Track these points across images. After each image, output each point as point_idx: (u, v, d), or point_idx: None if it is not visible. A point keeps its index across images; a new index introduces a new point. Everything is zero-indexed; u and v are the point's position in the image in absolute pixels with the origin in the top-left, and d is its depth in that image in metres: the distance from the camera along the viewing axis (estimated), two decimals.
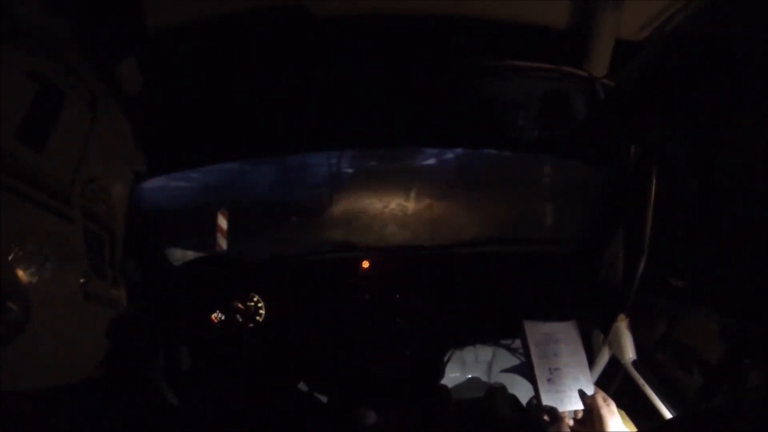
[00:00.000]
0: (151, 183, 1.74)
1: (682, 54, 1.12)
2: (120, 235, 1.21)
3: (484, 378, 2.16)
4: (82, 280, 1.00)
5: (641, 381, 1.36)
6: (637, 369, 1.40)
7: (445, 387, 1.98)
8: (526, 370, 1.72)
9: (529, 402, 1.15)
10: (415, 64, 1.40)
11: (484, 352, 2.12)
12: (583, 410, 1.09)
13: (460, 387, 2.07)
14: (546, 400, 1.11)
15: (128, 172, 1.24)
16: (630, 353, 1.43)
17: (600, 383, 1.62)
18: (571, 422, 1.09)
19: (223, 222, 4.48)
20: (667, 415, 1.25)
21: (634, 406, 1.25)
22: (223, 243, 4.41)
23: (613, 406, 1.06)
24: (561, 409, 1.09)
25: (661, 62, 1.20)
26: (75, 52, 0.97)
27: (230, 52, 1.36)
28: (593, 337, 1.78)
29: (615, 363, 1.53)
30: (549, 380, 1.13)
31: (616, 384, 1.55)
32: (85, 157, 0.99)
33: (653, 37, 1.23)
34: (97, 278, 1.08)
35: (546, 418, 1.10)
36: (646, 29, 1.23)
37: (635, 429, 1.16)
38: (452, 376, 2.11)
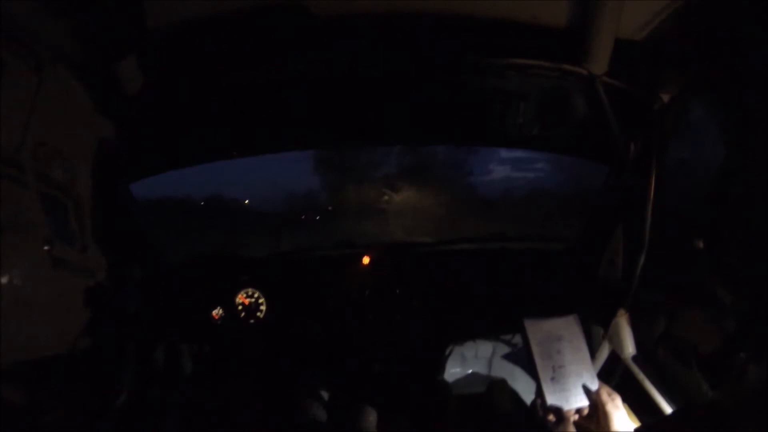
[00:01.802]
0: (150, 181, 1.74)
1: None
2: (87, 200, 1.21)
3: (484, 373, 2.17)
4: (45, 247, 0.99)
5: (641, 376, 1.37)
6: (637, 364, 1.41)
7: (445, 382, 1.99)
8: (526, 366, 1.72)
9: (533, 402, 1.14)
10: (416, 62, 1.40)
11: (485, 348, 2.13)
12: (589, 406, 1.09)
13: (460, 382, 2.09)
14: (551, 400, 1.09)
15: (88, 137, 1.23)
16: (630, 348, 1.44)
17: (600, 379, 1.64)
18: (576, 417, 1.09)
19: None
20: (667, 409, 1.26)
21: (634, 401, 1.26)
22: None
23: (618, 400, 1.06)
24: (566, 407, 1.08)
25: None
26: (17, 20, 0.95)
27: (229, 51, 1.35)
28: (593, 333, 1.79)
29: (615, 358, 1.54)
30: (553, 379, 1.11)
31: (616, 379, 1.56)
32: (32, 121, 0.98)
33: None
34: (62, 244, 1.07)
35: (551, 418, 1.08)
36: (645, 28, 1.23)
37: (637, 422, 1.17)
38: (453, 372, 2.12)
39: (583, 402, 1.09)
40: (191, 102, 1.53)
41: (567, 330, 1.18)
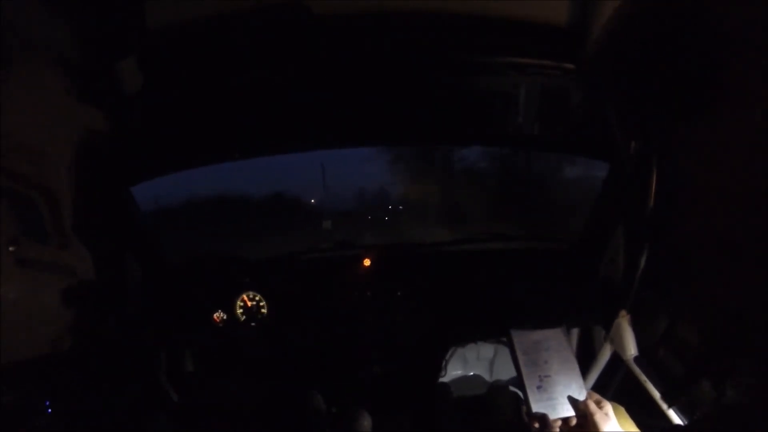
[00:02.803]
0: (151, 183, 1.74)
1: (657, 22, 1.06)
2: (67, 194, 1.14)
3: (485, 376, 2.16)
4: (11, 248, 0.93)
5: (643, 377, 1.36)
6: (638, 365, 1.40)
7: (446, 385, 1.98)
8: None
9: (518, 408, 1.13)
10: (414, 61, 1.40)
11: (486, 350, 2.12)
12: (577, 416, 1.06)
13: (461, 384, 2.08)
14: (537, 408, 1.08)
15: (68, 128, 1.16)
16: (632, 349, 1.43)
17: (601, 380, 1.63)
18: (562, 427, 1.06)
19: None
20: (669, 411, 1.25)
21: (635, 403, 1.25)
22: None
23: (608, 409, 1.03)
24: (553, 416, 1.06)
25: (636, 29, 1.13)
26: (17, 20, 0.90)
27: (229, 51, 1.36)
28: (595, 334, 1.78)
29: (617, 359, 1.53)
30: (539, 388, 1.10)
31: (617, 380, 1.55)
32: None
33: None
34: (31, 243, 1.01)
35: (536, 425, 1.07)
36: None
37: (634, 426, 1.15)
38: (454, 374, 2.11)
39: (570, 412, 1.07)
40: (192, 103, 1.53)
41: (554, 341, 1.17)
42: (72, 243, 1.17)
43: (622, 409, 1.20)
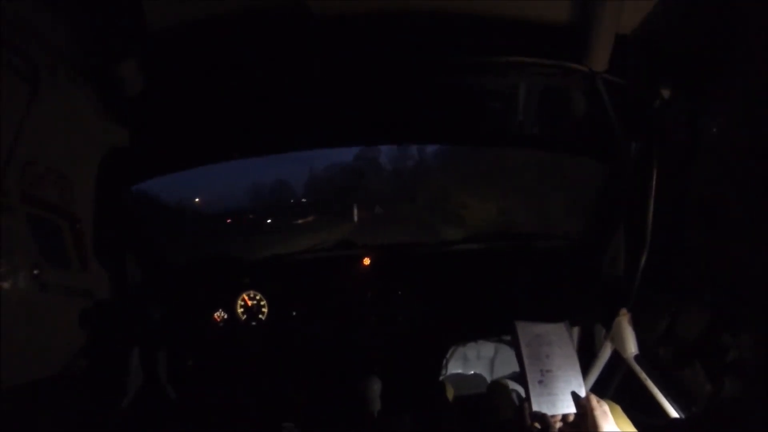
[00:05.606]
0: (151, 185, 1.74)
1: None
2: (87, 218, 1.16)
3: (486, 374, 2.16)
4: (35, 272, 0.95)
5: (643, 375, 1.36)
6: (639, 363, 1.41)
7: (447, 384, 1.99)
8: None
9: (521, 406, 1.11)
10: (416, 61, 1.40)
11: (487, 349, 2.12)
12: (575, 414, 1.06)
13: (462, 383, 2.08)
14: (537, 403, 1.07)
15: (89, 150, 1.17)
16: (632, 348, 1.44)
17: (602, 378, 1.63)
18: (561, 424, 1.05)
19: None
20: (669, 409, 1.26)
21: (636, 401, 1.25)
22: None
23: (606, 407, 1.03)
24: (553, 412, 1.06)
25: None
26: (18, 20, 0.88)
27: (229, 51, 1.36)
28: (595, 333, 1.78)
29: (617, 358, 1.53)
30: (540, 382, 1.10)
31: (618, 379, 1.55)
32: (21, 137, 0.90)
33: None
34: (54, 267, 1.03)
35: (537, 425, 1.05)
36: (646, 25, 1.23)
37: (630, 425, 1.15)
38: (455, 373, 2.11)
39: (569, 408, 1.07)
40: (192, 103, 1.53)
41: (557, 336, 1.16)
42: (92, 263, 1.19)
43: (618, 408, 1.20)
